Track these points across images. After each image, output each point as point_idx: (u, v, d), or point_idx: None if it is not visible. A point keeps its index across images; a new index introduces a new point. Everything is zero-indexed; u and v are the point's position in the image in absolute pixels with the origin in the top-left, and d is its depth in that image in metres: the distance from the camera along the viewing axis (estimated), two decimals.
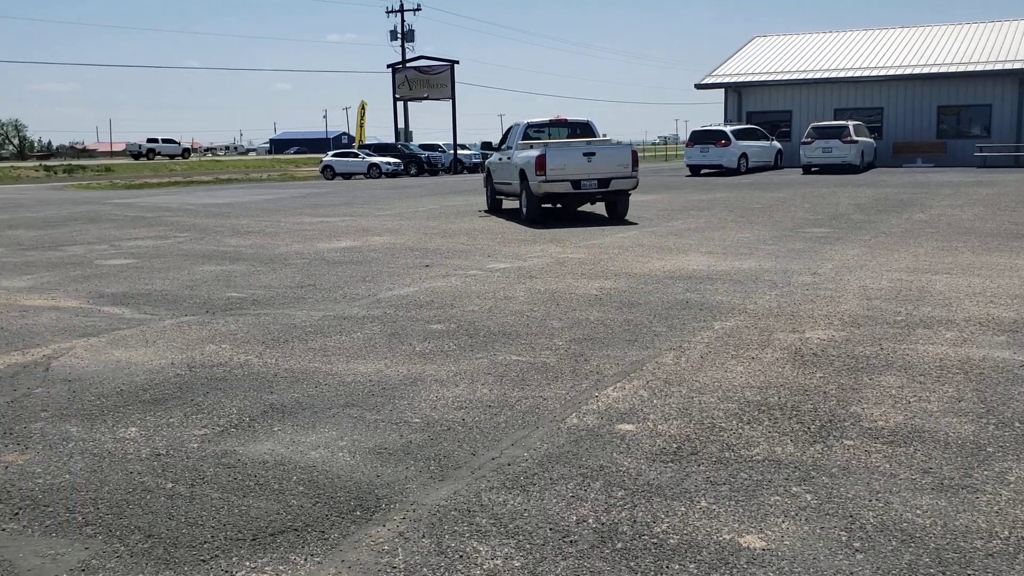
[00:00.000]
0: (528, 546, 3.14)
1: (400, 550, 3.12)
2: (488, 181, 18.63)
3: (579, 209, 17.11)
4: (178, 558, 3.10)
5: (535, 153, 15.01)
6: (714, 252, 11.02)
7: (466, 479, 3.77)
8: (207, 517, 3.43)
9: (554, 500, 3.53)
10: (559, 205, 16.22)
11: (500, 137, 19.04)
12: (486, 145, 20.77)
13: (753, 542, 3.14)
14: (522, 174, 15.50)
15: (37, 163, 66.65)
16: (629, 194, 15.57)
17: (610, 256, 10.82)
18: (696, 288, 8.35)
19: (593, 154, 14.95)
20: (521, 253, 11.34)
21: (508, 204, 18.08)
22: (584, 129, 17.37)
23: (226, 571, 2.99)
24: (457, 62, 48.20)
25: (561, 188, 14.92)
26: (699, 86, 41.05)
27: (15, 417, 4.75)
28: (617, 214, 15.67)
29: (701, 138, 33.24)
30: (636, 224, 14.88)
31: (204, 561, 3.07)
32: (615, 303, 7.67)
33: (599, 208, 16.91)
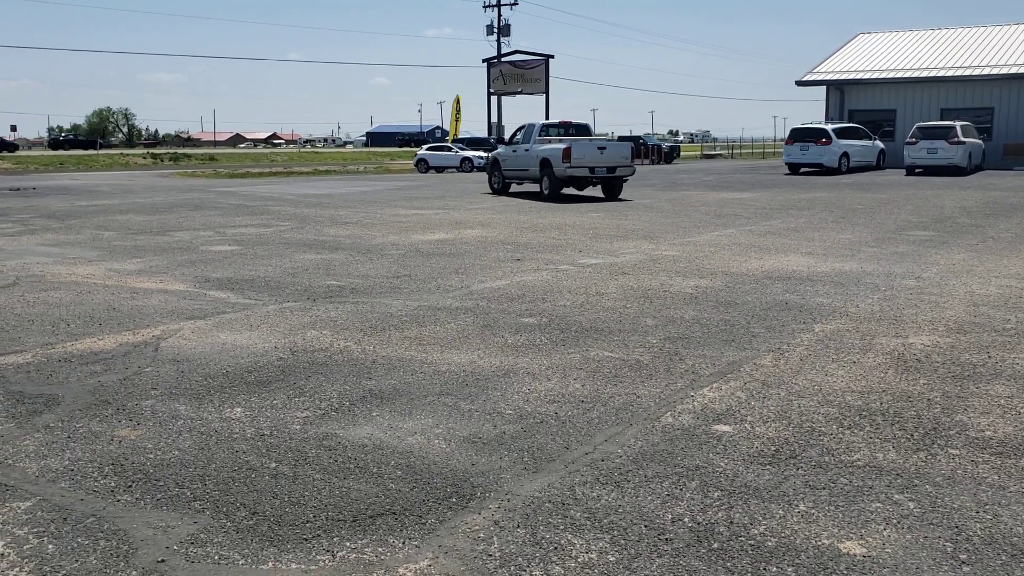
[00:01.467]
0: (623, 541, 3.14)
1: (495, 538, 3.16)
2: (495, 168, 23.09)
3: (580, 192, 21.54)
4: (282, 536, 3.21)
5: (562, 146, 19.80)
6: (814, 253, 10.76)
7: (560, 472, 3.79)
8: (309, 497, 3.54)
9: (649, 497, 3.52)
10: (572, 187, 20.80)
11: (511, 134, 23.62)
12: (500, 141, 24.68)
13: (853, 548, 3.07)
14: (545, 162, 20.33)
15: (145, 151, 69.44)
16: (626, 180, 20.97)
17: (706, 254, 10.68)
18: (795, 289, 8.18)
19: (604, 148, 20.47)
20: (614, 249, 11.29)
21: (516, 188, 23.45)
22: (584, 129, 22.47)
23: (327, 550, 3.09)
24: (552, 56, 48.26)
25: (580, 173, 19.90)
26: (800, 83, 40.09)
27: (127, 394, 4.98)
28: (614, 194, 20.89)
29: (801, 136, 32.48)
30: (732, 225, 14.65)
31: (306, 540, 3.17)
32: (711, 302, 7.57)
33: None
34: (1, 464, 3.90)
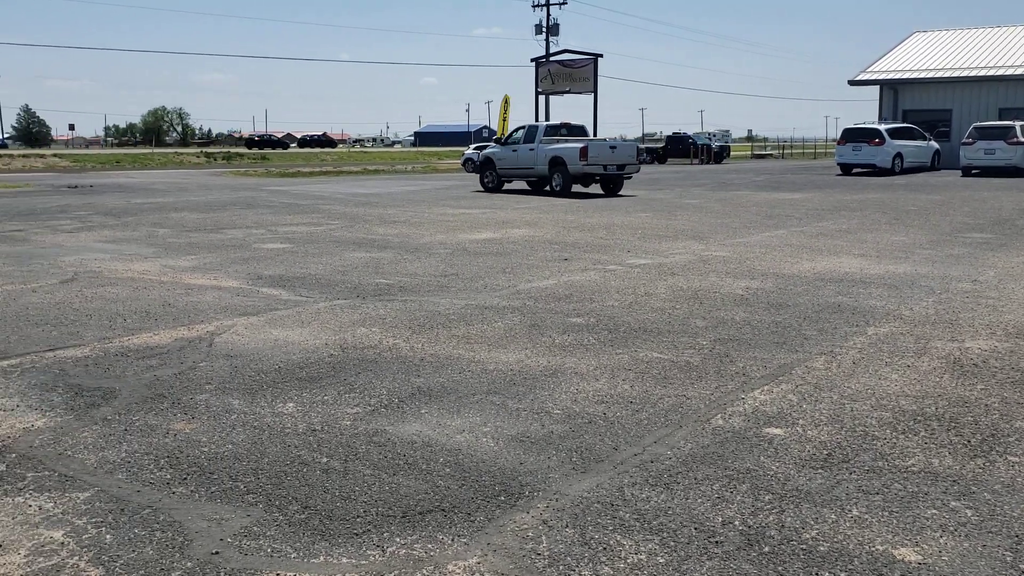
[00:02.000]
0: (672, 543, 3.12)
1: (544, 538, 3.17)
2: (488, 167, 24.33)
3: (585, 188, 23.00)
4: (333, 530, 3.25)
5: (579, 145, 21.75)
6: (867, 255, 10.58)
7: (608, 473, 3.78)
8: (360, 492, 3.58)
9: (699, 500, 3.49)
10: (580, 185, 22.68)
11: (508, 134, 25.16)
12: (498, 141, 26.57)
13: (908, 555, 3.02)
14: (556, 160, 22.03)
15: (198, 150, 70.69)
16: (630, 177, 23.26)
17: (756, 255, 10.57)
18: (848, 291, 8.05)
19: (615, 148, 22.65)
20: (662, 249, 11.22)
21: (509, 185, 24.80)
22: (582, 130, 23.96)
23: (378, 545, 3.11)
24: (601, 56, 48.06)
25: (594, 170, 21.84)
26: (853, 82, 39.46)
27: (182, 388, 5.08)
28: (615, 192, 22.76)
29: (854, 136, 31.97)
30: (783, 226, 14.46)
31: (357, 535, 3.20)
32: (762, 304, 7.49)
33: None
34: (61, 455, 4.00)
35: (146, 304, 7.57)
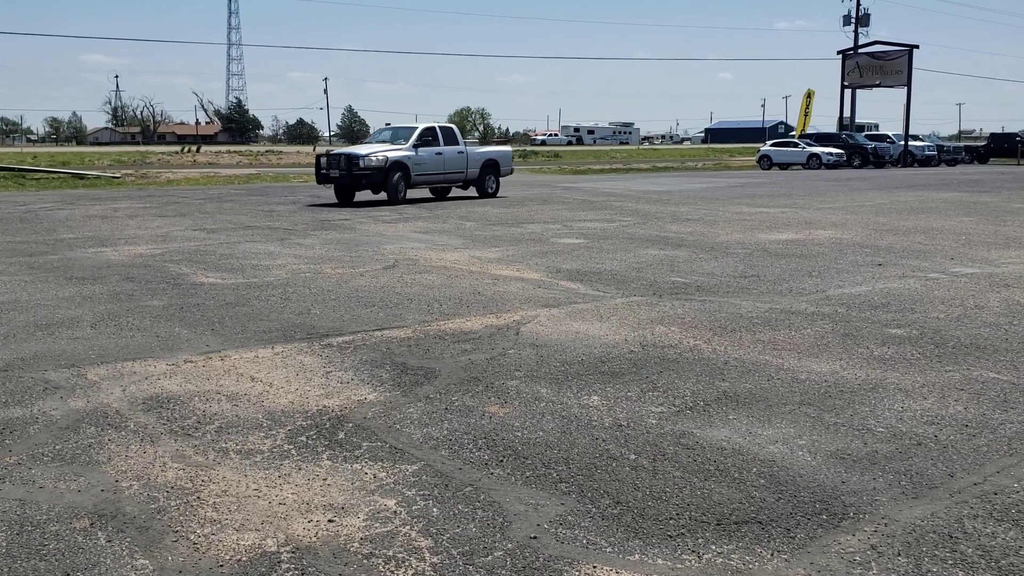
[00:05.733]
0: None
1: (873, 564, 2.93)
2: (397, 172, 19.25)
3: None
4: (645, 529, 3.22)
5: (510, 148, 23.78)
6: None
7: (944, 501, 3.43)
8: (670, 494, 3.52)
9: None
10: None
11: (417, 135, 20.38)
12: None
13: None
14: (491, 164, 21.61)
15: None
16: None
17: None
18: None
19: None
20: (992, 258, 10.12)
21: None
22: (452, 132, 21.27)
23: (693, 551, 3.04)
24: (916, 47, 44.48)
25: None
26: None
27: (494, 373, 5.31)
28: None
29: None
30: None
31: (671, 537, 3.15)
32: None
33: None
34: (391, 428, 4.33)
35: (458, 291, 8.03)
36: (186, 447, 4.11)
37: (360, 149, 19.82)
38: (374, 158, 18.65)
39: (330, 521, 3.31)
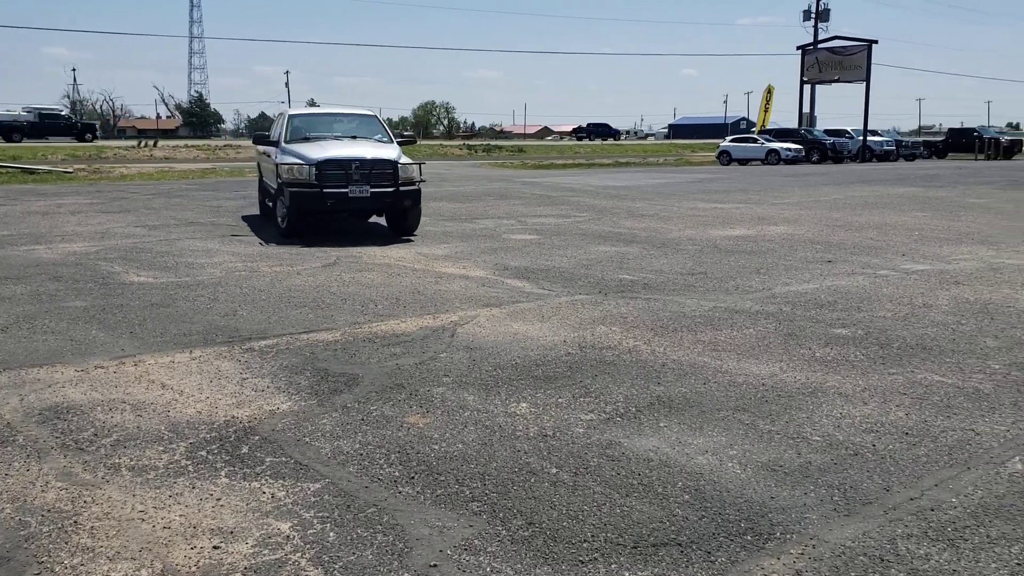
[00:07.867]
0: None
1: None
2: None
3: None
4: (556, 554, 2.98)
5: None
6: None
7: (878, 519, 3.23)
8: (588, 512, 3.28)
9: (993, 565, 2.88)
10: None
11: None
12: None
13: None
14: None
15: (461, 142, 73.87)
16: None
17: None
18: None
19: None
20: (943, 254, 10.03)
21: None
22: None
23: None
24: (875, 42, 44.81)
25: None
26: None
27: (420, 379, 5.04)
28: None
29: None
30: None
31: (582, 562, 2.91)
32: None
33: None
34: (299, 442, 4.04)
35: (397, 290, 7.75)
36: (75, 463, 3.80)
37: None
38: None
39: (215, 548, 3.03)
